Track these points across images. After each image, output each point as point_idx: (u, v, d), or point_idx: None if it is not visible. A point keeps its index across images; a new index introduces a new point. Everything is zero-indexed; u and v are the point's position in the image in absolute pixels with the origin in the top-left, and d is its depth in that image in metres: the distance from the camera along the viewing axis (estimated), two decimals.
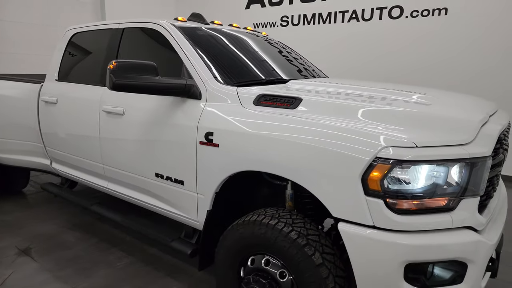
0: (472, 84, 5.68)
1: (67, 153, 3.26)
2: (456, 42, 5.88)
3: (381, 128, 1.60)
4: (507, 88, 5.33)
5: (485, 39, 5.62)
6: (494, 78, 5.56)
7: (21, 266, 2.96)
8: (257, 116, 1.93)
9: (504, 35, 5.46)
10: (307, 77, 2.90)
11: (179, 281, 2.80)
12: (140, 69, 2.16)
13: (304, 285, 1.77)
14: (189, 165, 2.24)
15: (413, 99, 1.96)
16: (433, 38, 6.08)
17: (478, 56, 5.71)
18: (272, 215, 1.94)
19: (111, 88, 2.10)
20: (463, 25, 5.79)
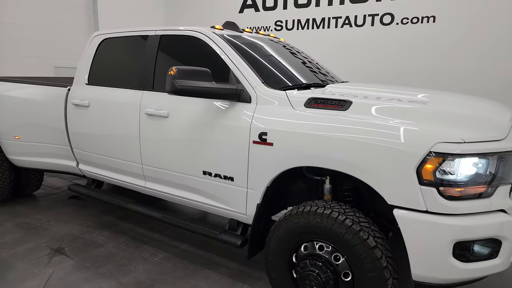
0: (458, 86, 6.14)
1: (98, 154, 3.36)
2: (444, 48, 6.35)
3: (430, 126, 1.87)
4: (492, 89, 5.81)
5: (470, 45, 6.11)
6: (479, 80, 6.05)
7: (59, 264, 3.04)
8: (312, 117, 2.16)
9: (487, 41, 5.97)
10: (332, 81, 3.16)
11: (218, 272, 2.98)
12: (196, 75, 2.34)
13: (359, 266, 2.01)
14: (240, 162, 2.43)
15: (451, 101, 2.26)
16: (422, 44, 6.52)
17: (464, 60, 6.19)
18: (324, 206, 2.17)
19: (174, 93, 2.27)
20: (450, 32, 6.26)
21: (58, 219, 3.97)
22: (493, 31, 5.91)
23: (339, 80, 3.40)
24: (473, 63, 6.11)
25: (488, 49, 5.97)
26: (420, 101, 2.25)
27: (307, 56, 3.64)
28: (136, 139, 3.00)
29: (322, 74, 3.21)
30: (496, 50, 5.91)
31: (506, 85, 5.79)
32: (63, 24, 8.12)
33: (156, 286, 2.76)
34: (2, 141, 3.99)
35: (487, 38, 5.96)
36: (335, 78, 3.37)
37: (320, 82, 2.85)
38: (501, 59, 5.86)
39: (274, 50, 3.04)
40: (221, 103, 2.54)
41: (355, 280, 2.07)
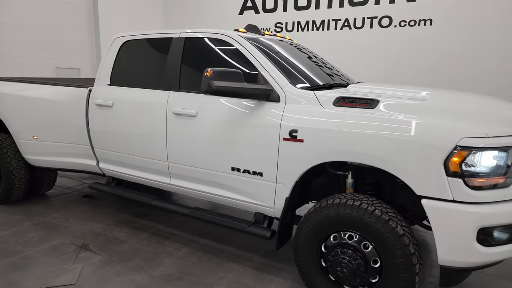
0: (454, 87, 6.40)
1: (121, 152, 3.45)
2: (440, 50, 6.61)
3: (456, 122, 2.05)
4: (488, 90, 6.07)
5: (466, 47, 6.37)
6: (475, 81, 6.32)
7: (87, 260, 3.13)
8: (342, 115, 2.31)
9: (482, 43, 6.24)
10: (348, 81, 3.32)
11: (242, 264, 3.11)
12: (229, 76, 2.48)
13: (388, 253, 2.17)
14: (270, 158, 2.57)
15: (468, 100, 2.45)
16: (419, 46, 6.77)
17: (460, 62, 6.46)
18: (352, 198, 2.33)
19: (210, 93, 2.41)
20: (446, 34, 6.52)
21: (76, 217, 4.04)
22: (488, 33, 6.19)
23: (353, 80, 3.57)
24: (469, 64, 6.38)
25: (484, 51, 6.24)
26: (441, 99, 2.44)
27: (321, 57, 3.80)
28: (163, 138, 3.11)
29: (337, 75, 3.37)
30: (491, 52, 6.19)
31: (502, 85, 6.07)
32: (63, 24, 8.13)
33: (186, 279, 2.87)
34: (19, 141, 4.04)
35: (483, 40, 6.23)
36: (349, 79, 3.54)
37: (341, 82, 3.02)
38: (497, 61, 6.14)
39: (293, 52, 3.19)
40: (249, 102, 2.67)
41: (383, 266, 2.23)
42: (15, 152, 4.14)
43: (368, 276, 2.28)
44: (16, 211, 4.16)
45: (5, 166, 4.08)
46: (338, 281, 2.41)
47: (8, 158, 4.09)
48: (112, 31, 8.88)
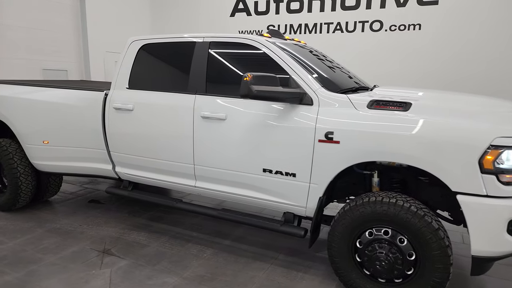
0: (442, 88, 6.75)
1: (142, 156, 3.44)
2: (429, 53, 6.95)
3: (487, 123, 2.22)
4: (474, 91, 6.45)
5: (453, 50, 6.74)
6: (462, 83, 6.70)
7: (114, 264, 3.11)
8: (377, 118, 2.45)
9: (467, 47, 6.62)
10: (365, 85, 3.47)
11: (269, 263, 3.19)
12: (266, 80, 2.56)
13: (425, 246, 2.32)
14: (304, 159, 2.67)
15: (489, 102, 2.65)
16: (409, 49, 7.09)
17: (447, 64, 6.82)
18: (387, 196, 2.47)
19: (250, 97, 2.48)
20: (434, 38, 6.87)
21: (88, 223, 3.98)
22: (474, 37, 6.57)
23: (366, 83, 3.73)
24: (456, 67, 6.76)
25: (470, 54, 6.63)
26: (465, 101, 2.62)
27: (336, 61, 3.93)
28: (189, 141, 3.14)
29: (355, 79, 3.51)
30: (478, 54, 6.58)
31: (488, 86, 6.46)
32: (49, 24, 7.91)
33: (218, 279, 2.92)
34: (27, 146, 3.93)
35: (469, 44, 6.61)
36: (364, 82, 3.70)
37: (364, 86, 3.16)
38: (484, 63, 6.54)
39: (314, 56, 3.31)
40: (281, 106, 2.76)
41: (418, 259, 2.38)
42: (21, 157, 4.03)
43: (404, 269, 2.42)
44: (23, 218, 4.04)
45: (12, 172, 3.96)
46: (373, 275, 2.54)
47: (14, 164, 3.97)
48: (100, 32, 8.73)
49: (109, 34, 9.05)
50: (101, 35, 8.81)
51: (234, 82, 3.17)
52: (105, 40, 8.94)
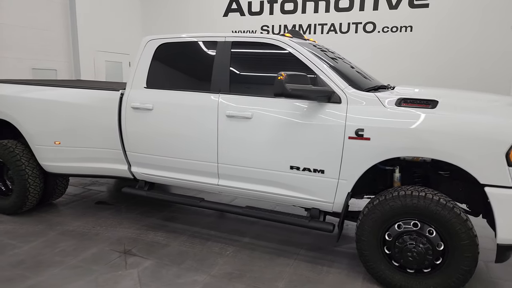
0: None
1: (162, 156, 3.42)
2: (419, 54, 7.21)
3: (510, 119, 2.37)
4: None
5: (442, 51, 7.02)
6: (448, 81, 7.00)
7: (139, 265, 3.09)
8: (407, 115, 2.56)
9: (456, 48, 6.92)
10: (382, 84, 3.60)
11: (292, 258, 3.25)
12: (298, 79, 2.62)
13: (454, 237, 2.45)
14: (333, 156, 2.75)
15: (503, 99, 2.81)
16: (400, 49, 7.33)
17: (437, 65, 7.10)
18: (416, 189, 2.58)
19: (285, 96, 2.55)
20: (426, 40, 7.14)
21: (101, 224, 3.91)
22: (462, 39, 6.88)
23: (382, 83, 3.85)
24: (445, 66, 7.05)
25: (459, 54, 6.93)
26: (485, 99, 2.78)
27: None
28: (213, 139, 3.16)
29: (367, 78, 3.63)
30: (464, 55, 6.89)
31: (474, 85, 6.78)
32: (38, 22, 7.68)
33: (247, 275, 2.96)
34: (37, 147, 3.83)
35: (458, 45, 6.91)
36: (379, 81, 3.82)
37: (383, 85, 3.28)
38: (469, 64, 6.85)
39: (336, 57, 3.39)
40: (308, 104, 2.83)
41: (447, 249, 2.51)
42: (28, 159, 3.92)
43: (433, 259, 2.54)
44: (31, 221, 3.93)
45: (20, 174, 3.85)
46: (402, 266, 2.66)
47: (22, 165, 3.86)
48: (90, 30, 8.54)
49: (99, 33, 8.87)
50: (91, 34, 8.62)
51: (258, 81, 3.23)
52: (96, 39, 8.77)
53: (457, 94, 2.96)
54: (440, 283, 2.56)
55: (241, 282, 2.86)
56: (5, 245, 3.37)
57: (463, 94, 3.06)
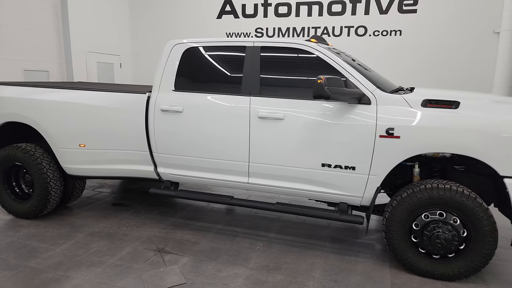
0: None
1: (192, 156, 3.53)
2: (408, 57, 7.63)
3: None
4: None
5: (431, 55, 7.47)
6: (435, 83, 7.45)
7: (177, 261, 3.20)
8: (433, 115, 2.82)
9: (445, 53, 7.39)
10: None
11: (320, 251, 3.46)
12: (335, 82, 2.83)
13: (476, 224, 2.74)
14: (364, 153, 2.98)
15: None
16: (390, 52, 7.73)
17: (425, 68, 7.54)
18: (442, 182, 2.85)
19: (325, 98, 2.75)
20: (414, 44, 7.56)
21: (125, 225, 3.98)
22: (448, 43, 7.35)
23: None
24: (432, 69, 7.50)
25: (444, 58, 7.40)
26: (496, 100, 3.09)
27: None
28: (245, 140, 3.31)
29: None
30: (450, 59, 7.37)
31: (457, 85, 7.26)
32: (29, 22, 7.51)
33: (283, 267, 3.14)
34: (60, 150, 3.84)
35: (444, 49, 7.38)
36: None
37: (401, 87, 3.55)
38: (454, 65, 7.33)
39: (357, 61, 3.62)
40: (339, 105, 3.05)
41: (470, 235, 2.80)
42: (49, 162, 3.92)
43: (458, 245, 2.83)
44: (53, 224, 3.94)
45: (42, 177, 3.85)
46: (428, 252, 2.93)
47: (43, 169, 3.86)
48: (82, 31, 8.42)
49: (90, 34, 8.76)
50: (82, 34, 8.50)
51: (287, 84, 3.42)
52: (87, 40, 8.65)
53: (472, 95, 3.26)
54: (463, 266, 2.85)
55: (280, 273, 3.04)
56: (36, 249, 3.38)
57: (478, 96, 3.37)
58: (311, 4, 8.10)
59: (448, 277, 2.90)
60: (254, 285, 2.86)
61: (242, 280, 2.93)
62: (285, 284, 2.88)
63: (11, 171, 4.11)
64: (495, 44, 7.04)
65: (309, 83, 3.23)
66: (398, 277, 3.00)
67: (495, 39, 7.03)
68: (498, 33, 6.99)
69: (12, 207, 4.06)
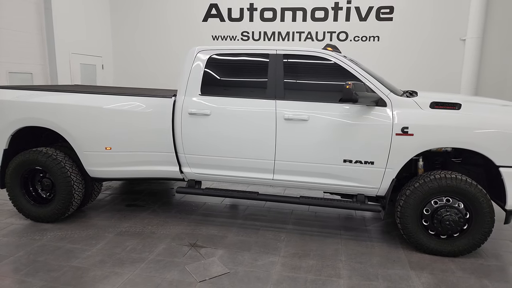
0: None
1: (218, 156, 3.77)
2: (386, 62, 8.28)
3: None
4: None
5: (407, 59, 8.16)
6: (409, 86, 8.15)
7: (213, 254, 3.43)
8: (441, 115, 3.29)
9: (420, 57, 8.10)
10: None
11: (338, 238, 3.84)
12: (359, 87, 3.22)
13: (478, 206, 3.24)
14: (382, 150, 3.40)
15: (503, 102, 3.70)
16: (369, 57, 8.33)
17: (401, 72, 8.22)
18: (449, 173, 3.33)
19: (353, 101, 3.13)
20: (391, 49, 8.22)
21: (148, 224, 4.13)
22: (420, 49, 8.07)
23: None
24: (408, 73, 8.20)
25: (417, 63, 8.12)
26: (489, 102, 3.64)
27: None
28: (271, 140, 3.62)
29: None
30: (422, 63, 8.10)
31: (430, 87, 8.01)
32: (11, 23, 7.29)
33: (311, 254, 3.48)
34: (85, 153, 3.93)
35: (418, 55, 8.10)
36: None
37: (407, 91, 4.03)
38: (425, 71, 8.07)
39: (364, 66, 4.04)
40: (360, 108, 3.45)
41: (471, 217, 3.30)
42: (71, 165, 3.99)
43: (462, 225, 3.32)
44: (77, 227, 4.01)
45: (66, 181, 3.91)
46: (436, 234, 3.40)
47: (67, 172, 3.93)
48: (66, 32, 8.27)
49: (74, 35, 8.61)
50: (66, 35, 8.34)
51: (309, 88, 3.76)
52: (70, 41, 8.49)
53: (470, 98, 3.79)
54: (466, 243, 3.35)
55: (310, 259, 3.39)
56: (72, 250, 3.47)
57: (475, 99, 3.90)
58: (295, 10, 8.52)
59: (454, 254, 3.40)
60: (292, 269, 3.18)
61: (280, 266, 3.24)
62: (319, 268, 3.22)
63: (28, 176, 4.11)
64: (462, 50, 7.85)
65: (329, 87, 3.61)
66: (412, 257, 3.45)
67: (462, 45, 7.84)
68: (464, 40, 7.81)
69: (32, 211, 4.07)
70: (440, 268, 3.24)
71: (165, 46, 9.34)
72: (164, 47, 9.36)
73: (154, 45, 9.40)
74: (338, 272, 3.15)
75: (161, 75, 9.37)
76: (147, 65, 9.51)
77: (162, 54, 9.43)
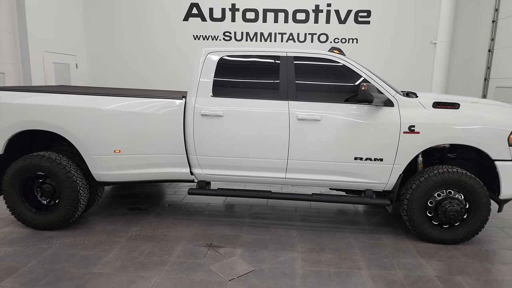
0: None
1: (231, 156, 3.82)
2: (364, 63, 8.65)
3: (509, 115, 3.58)
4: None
5: (380, 60, 8.59)
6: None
7: (233, 253, 3.48)
8: (443, 114, 3.57)
9: (396, 58, 8.56)
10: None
11: (347, 233, 4.04)
12: (372, 89, 3.42)
13: (477, 197, 3.56)
14: (391, 147, 3.62)
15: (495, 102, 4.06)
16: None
17: (378, 72, 8.64)
18: (450, 167, 3.62)
19: (369, 102, 3.32)
20: (368, 51, 8.61)
21: (158, 227, 4.09)
22: (395, 51, 8.54)
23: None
24: (384, 75, 8.61)
25: (392, 64, 8.59)
26: (487, 102, 3.99)
27: None
28: (284, 139, 3.72)
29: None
30: (396, 64, 8.57)
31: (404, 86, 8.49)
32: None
33: (326, 248, 3.64)
34: (92, 156, 3.82)
35: (392, 57, 8.56)
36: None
37: (407, 91, 4.29)
38: (400, 72, 8.56)
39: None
40: (369, 108, 3.65)
41: (470, 207, 3.62)
42: (76, 169, 3.86)
43: (463, 215, 3.63)
44: (84, 233, 3.89)
45: (72, 186, 3.78)
46: (439, 224, 3.69)
47: (73, 177, 3.79)
48: (40, 29, 7.85)
49: (48, 32, 8.19)
50: (39, 33, 7.91)
51: (320, 89, 3.91)
52: (43, 38, 8.07)
53: (467, 99, 4.12)
54: (466, 231, 3.67)
55: (327, 252, 3.54)
56: (87, 256, 3.37)
57: (471, 99, 4.23)
58: (277, 12, 8.68)
59: (455, 241, 3.70)
60: (313, 264, 3.32)
61: (301, 261, 3.36)
62: (338, 261, 3.39)
63: (27, 182, 3.92)
64: (433, 53, 8.41)
65: (339, 88, 3.80)
66: (418, 246, 3.72)
67: (433, 48, 8.41)
68: (435, 43, 8.38)
69: (33, 219, 3.88)
70: (446, 255, 3.52)
71: (142, 45, 9.13)
72: (140, 46, 9.14)
73: (130, 44, 9.15)
74: (356, 264, 3.33)
75: (137, 75, 9.14)
76: (121, 64, 9.23)
77: (139, 54, 9.20)
